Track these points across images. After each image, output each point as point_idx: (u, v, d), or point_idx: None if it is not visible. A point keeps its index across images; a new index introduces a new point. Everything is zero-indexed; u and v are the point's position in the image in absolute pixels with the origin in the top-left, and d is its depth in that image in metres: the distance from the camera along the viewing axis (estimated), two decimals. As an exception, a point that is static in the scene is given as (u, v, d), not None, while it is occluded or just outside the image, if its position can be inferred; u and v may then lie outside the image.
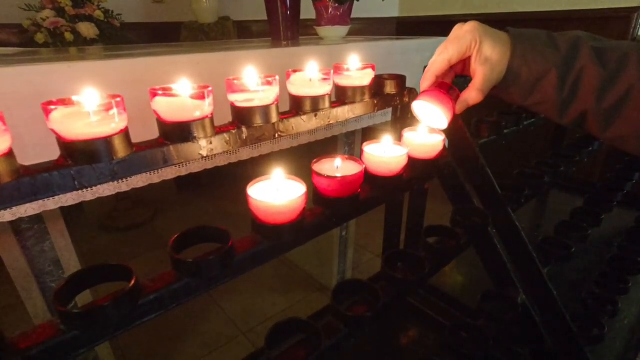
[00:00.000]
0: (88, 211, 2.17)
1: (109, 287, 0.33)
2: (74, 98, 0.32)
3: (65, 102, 0.32)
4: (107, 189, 0.61)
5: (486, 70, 0.48)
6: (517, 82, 0.48)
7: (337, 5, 1.05)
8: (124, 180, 0.60)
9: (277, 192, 0.41)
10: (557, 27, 1.80)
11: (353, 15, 1.12)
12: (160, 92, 0.36)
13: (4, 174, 0.28)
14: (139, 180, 0.64)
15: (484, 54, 0.47)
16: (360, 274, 1.69)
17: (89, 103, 0.31)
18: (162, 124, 0.37)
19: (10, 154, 0.28)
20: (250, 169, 1.57)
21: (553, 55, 0.46)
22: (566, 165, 0.88)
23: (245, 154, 0.76)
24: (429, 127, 0.56)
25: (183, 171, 0.68)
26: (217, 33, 1.99)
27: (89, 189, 0.52)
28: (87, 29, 1.55)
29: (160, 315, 0.34)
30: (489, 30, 0.48)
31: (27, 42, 1.58)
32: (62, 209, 0.64)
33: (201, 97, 0.37)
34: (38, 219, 0.71)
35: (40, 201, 0.47)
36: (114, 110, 0.31)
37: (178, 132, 0.37)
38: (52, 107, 0.30)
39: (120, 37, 1.71)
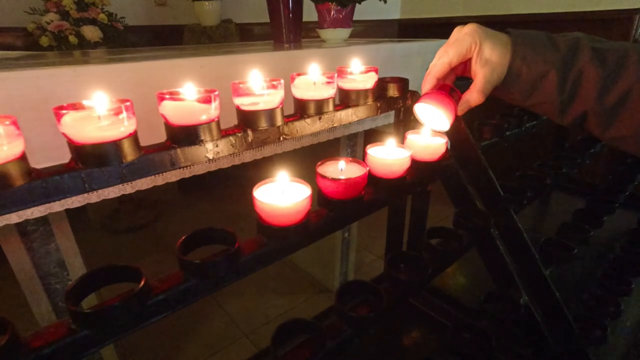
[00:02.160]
0: (91, 213, 2.18)
1: (113, 289, 0.34)
2: (85, 102, 0.33)
3: (75, 106, 0.32)
4: (112, 191, 0.62)
5: (486, 71, 0.48)
6: (517, 82, 0.49)
7: (339, 7, 1.06)
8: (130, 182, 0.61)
9: (282, 194, 0.42)
10: (558, 28, 1.79)
11: (355, 18, 1.13)
12: (167, 97, 0.36)
13: (17, 177, 0.28)
14: (144, 182, 0.65)
15: (484, 55, 0.47)
16: (362, 275, 1.69)
17: (99, 107, 0.32)
18: (170, 128, 0.37)
19: (23, 158, 0.29)
20: (252, 171, 1.57)
21: (553, 56, 0.46)
22: (568, 167, 0.88)
23: (249, 155, 0.76)
24: (432, 130, 0.56)
25: (187, 173, 0.69)
26: (219, 35, 2.00)
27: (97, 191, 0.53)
28: (91, 32, 1.56)
29: (166, 316, 0.34)
30: (488, 32, 0.48)
31: (31, 45, 1.59)
32: (66, 210, 0.65)
33: (207, 101, 0.37)
34: (44, 220, 0.71)
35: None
36: (124, 114, 0.32)
37: (185, 136, 0.37)
38: (64, 111, 0.30)
39: (123, 40, 1.73)
